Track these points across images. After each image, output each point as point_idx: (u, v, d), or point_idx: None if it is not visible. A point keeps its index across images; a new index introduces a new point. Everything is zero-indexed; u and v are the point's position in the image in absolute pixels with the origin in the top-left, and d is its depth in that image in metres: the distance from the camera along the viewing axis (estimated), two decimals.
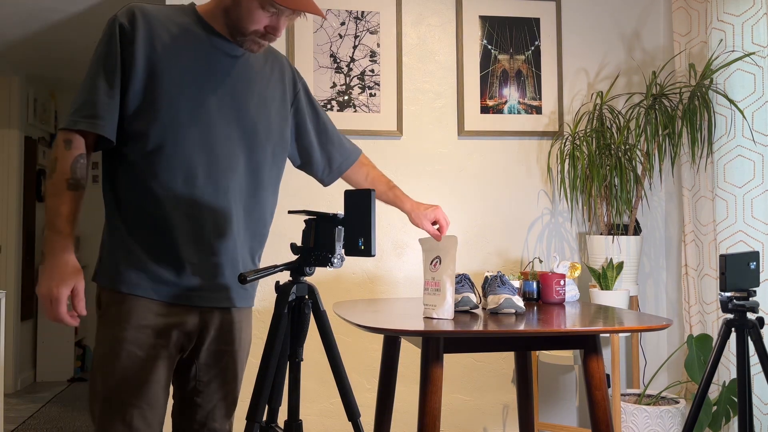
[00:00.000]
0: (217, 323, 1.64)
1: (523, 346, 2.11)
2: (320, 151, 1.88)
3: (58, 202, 1.51)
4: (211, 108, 1.59)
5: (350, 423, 1.80)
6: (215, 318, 1.64)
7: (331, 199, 3.29)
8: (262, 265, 1.77)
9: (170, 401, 1.72)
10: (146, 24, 1.57)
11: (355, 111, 3.30)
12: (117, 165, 1.60)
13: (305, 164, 1.90)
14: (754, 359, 2.73)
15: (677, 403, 3.06)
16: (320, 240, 1.53)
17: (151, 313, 1.56)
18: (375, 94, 3.32)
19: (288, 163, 1.85)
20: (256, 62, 1.69)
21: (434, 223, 1.97)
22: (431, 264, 1.99)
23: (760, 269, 2.70)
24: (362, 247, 1.46)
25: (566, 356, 3.15)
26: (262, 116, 1.67)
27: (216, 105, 1.60)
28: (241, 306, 1.70)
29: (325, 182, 1.95)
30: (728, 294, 2.24)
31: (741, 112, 2.95)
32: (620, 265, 3.08)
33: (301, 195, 3.28)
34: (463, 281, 2.20)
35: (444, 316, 1.94)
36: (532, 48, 3.47)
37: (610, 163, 3.21)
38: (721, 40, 3.04)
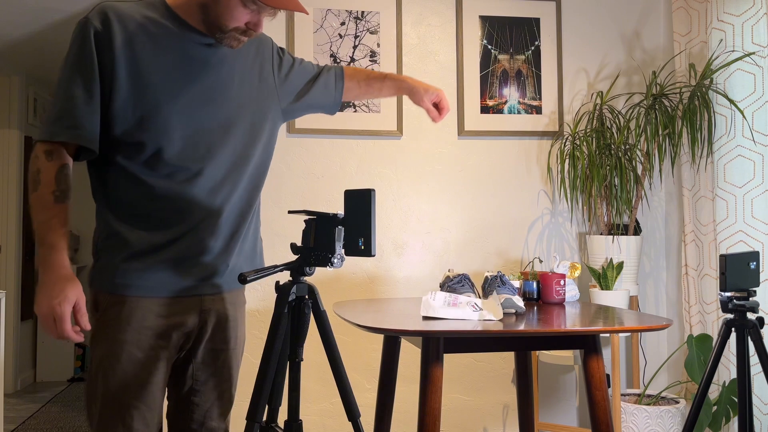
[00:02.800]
0: (214, 320, 1.64)
1: (523, 346, 2.11)
2: (317, 99, 1.87)
3: (46, 217, 1.47)
4: (198, 103, 1.57)
5: (350, 423, 1.80)
6: (213, 315, 1.64)
7: (331, 199, 3.29)
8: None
9: (165, 402, 1.72)
10: (122, 26, 1.51)
11: (355, 111, 3.30)
12: (108, 169, 1.56)
13: (309, 113, 1.91)
14: (754, 359, 2.73)
15: (677, 403, 3.06)
16: (320, 240, 1.53)
17: (152, 314, 1.55)
18: None
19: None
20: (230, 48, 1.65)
21: (435, 105, 1.92)
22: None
23: (760, 269, 2.70)
24: (362, 247, 1.46)
25: (566, 356, 3.15)
26: (247, 98, 1.66)
27: (202, 99, 1.58)
28: (238, 287, 1.70)
29: (333, 113, 1.96)
30: (728, 294, 2.24)
31: (741, 112, 2.95)
32: (620, 265, 3.08)
33: (301, 195, 3.28)
34: (463, 281, 2.20)
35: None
36: (532, 48, 3.47)
37: (610, 163, 3.21)
38: (721, 40, 3.04)
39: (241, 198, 1.65)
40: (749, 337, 2.21)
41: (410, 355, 3.30)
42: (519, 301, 2.09)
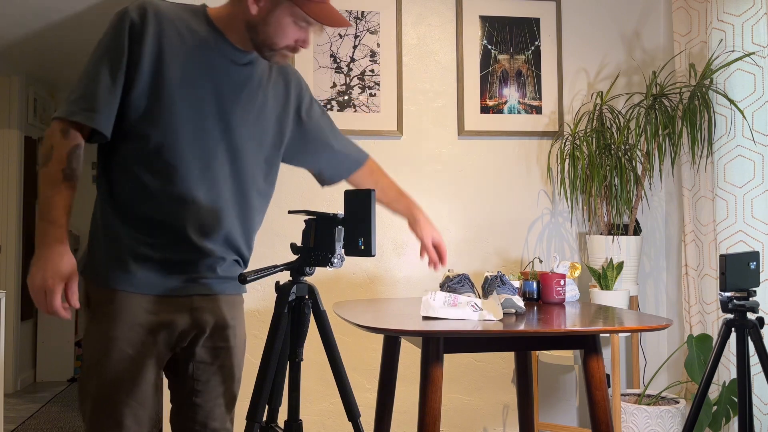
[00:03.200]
0: (210, 320, 1.64)
1: (523, 346, 2.11)
2: (325, 160, 1.89)
3: (52, 192, 1.49)
4: (209, 115, 1.59)
5: (350, 423, 1.80)
6: (208, 314, 1.64)
7: (331, 199, 3.29)
8: (262, 265, 1.77)
9: (168, 405, 1.71)
10: (157, 23, 1.55)
11: (355, 111, 3.30)
12: (113, 159, 1.59)
13: (308, 168, 1.92)
14: (754, 359, 2.73)
15: (677, 403, 3.06)
16: (320, 240, 1.53)
17: (142, 311, 1.56)
18: (375, 94, 3.32)
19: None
20: (262, 72, 1.68)
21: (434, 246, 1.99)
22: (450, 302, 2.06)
23: (760, 269, 2.70)
24: (362, 247, 1.46)
25: (566, 356, 3.15)
26: (259, 127, 1.67)
27: (214, 112, 1.59)
28: (233, 292, 1.70)
29: (327, 185, 1.97)
30: (728, 294, 2.24)
31: (741, 112, 2.95)
32: (620, 265, 3.08)
33: (301, 195, 3.28)
34: (463, 281, 2.20)
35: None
36: (532, 48, 3.47)
37: (610, 163, 3.21)
38: (721, 40, 3.04)
39: (239, 216, 1.66)
40: (749, 337, 2.21)
41: (410, 355, 3.30)
42: (519, 301, 2.09)
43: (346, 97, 3.30)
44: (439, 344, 1.91)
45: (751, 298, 2.22)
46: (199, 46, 1.58)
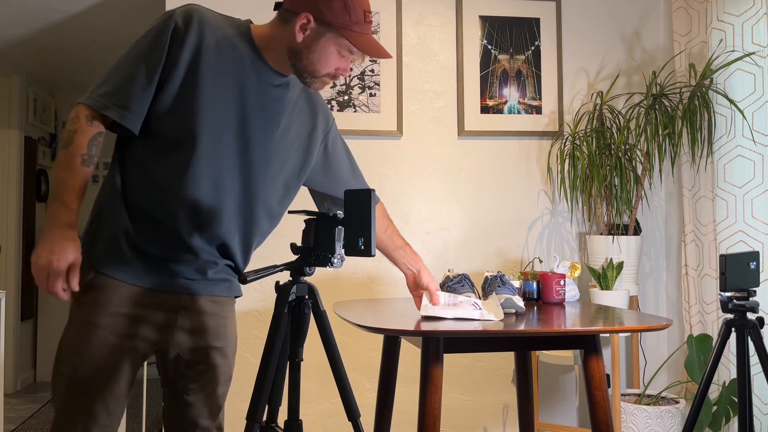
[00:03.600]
0: (198, 319, 1.65)
1: (523, 346, 2.11)
2: (341, 193, 1.90)
3: (68, 176, 1.51)
4: (229, 128, 1.60)
5: (350, 423, 1.80)
6: (196, 314, 1.65)
7: None
8: (262, 265, 1.77)
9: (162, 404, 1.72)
10: (199, 31, 1.57)
11: (355, 111, 3.30)
12: (127, 151, 1.61)
13: (324, 192, 1.94)
14: (754, 359, 2.73)
15: (677, 403, 3.06)
16: (320, 240, 1.53)
17: (128, 300, 1.57)
18: (375, 94, 3.32)
19: None
20: (291, 97, 1.70)
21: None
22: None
23: (760, 269, 2.70)
24: (362, 247, 1.46)
25: (566, 356, 3.15)
26: (281, 149, 1.69)
27: (236, 126, 1.61)
28: (222, 295, 1.71)
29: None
30: (728, 294, 2.24)
31: (741, 112, 2.95)
32: (620, 265, 3.08)
33: (301, 195, 3.27)
34: (463, 281, 2.20)
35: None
36: (532, 48, 3.47)
37: (610, 163, 3.21)
38: (721, 40, 3.04)
39: (240, 228, 1.67)
40: (749, 337, 2.21)
41: (410, 355, 3.30)
42: (519, 301, 2.09)
43: (346, 97, 3.30)
44: (439, 344, 1.91)
45: (751, 298, 2.22)
46: (234, 61, 1.60)
